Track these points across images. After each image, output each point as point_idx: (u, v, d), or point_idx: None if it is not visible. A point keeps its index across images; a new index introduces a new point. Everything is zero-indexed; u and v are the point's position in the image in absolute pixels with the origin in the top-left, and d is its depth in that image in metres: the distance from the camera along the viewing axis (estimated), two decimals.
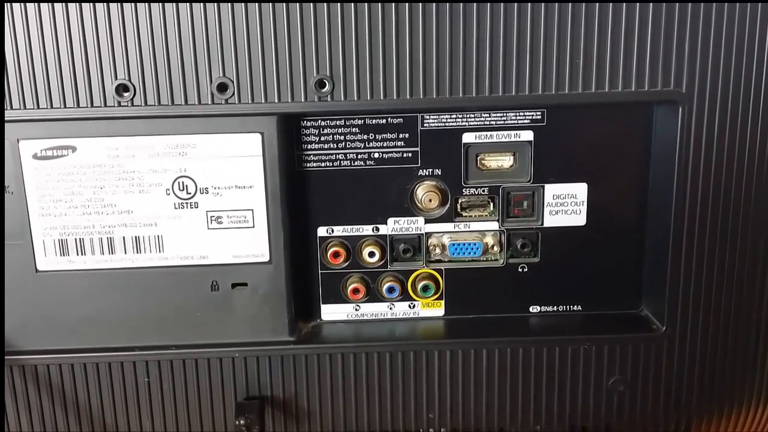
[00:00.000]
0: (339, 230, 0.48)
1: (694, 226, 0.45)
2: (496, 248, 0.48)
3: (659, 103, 0.44)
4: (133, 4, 0.41)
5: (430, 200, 0.46)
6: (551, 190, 0.47)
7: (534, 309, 0.49)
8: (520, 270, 0.49)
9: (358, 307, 0.49)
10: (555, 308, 0.49)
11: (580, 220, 0.47)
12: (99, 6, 0.41)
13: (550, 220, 0.47)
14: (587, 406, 0.49)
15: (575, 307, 0.49)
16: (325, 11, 0.41)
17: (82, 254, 0.46)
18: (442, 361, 0.48)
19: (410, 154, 0.46)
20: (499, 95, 0.43)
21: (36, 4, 0.41)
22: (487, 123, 0.46)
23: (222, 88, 0.42)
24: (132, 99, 0.42)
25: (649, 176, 0.46)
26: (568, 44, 0.42)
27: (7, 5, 0.41)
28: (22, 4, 0.41)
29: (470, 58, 0.42)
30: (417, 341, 0.48)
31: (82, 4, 0.41)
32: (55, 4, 0.41)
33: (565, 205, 0.47)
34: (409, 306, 0.49)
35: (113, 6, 0.41)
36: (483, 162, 0.47)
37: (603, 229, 0.48)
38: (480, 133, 0.46)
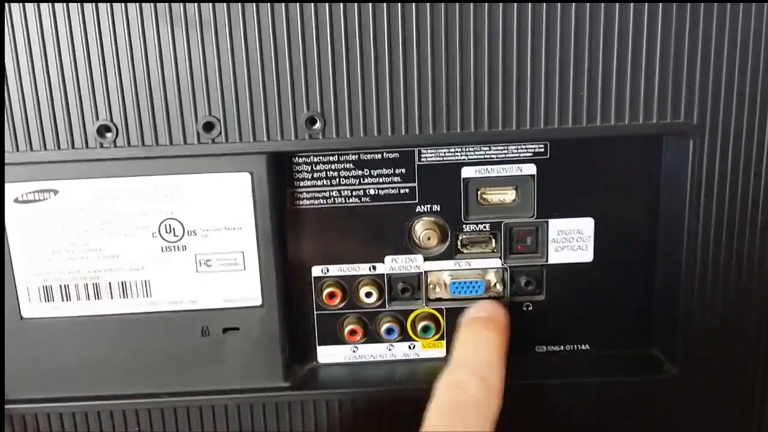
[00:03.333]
0: (334, 270, 0.46)
1: (707, 263, 0.43)
2: (498, 286, 0.46)
3: (669, 135, 0.42)
4: (112, 41, 0.39)
5: (429, 238, 0.44)
6: (556, 225, 0.45)
7: (540, 349, 0.47)
8: (524, 308, 0.46)
9: (355, 349, 0.47)
10: (562, 348, 0.47)
11: (587, 256, 0.45)
12: (78, 43, 0.39)
13: (555, 257, 0.45)
14: None
15: (583, 346, 0.47)
16: (314, 45, 0.39)
17: (67, 300, 0.44)
18: None
19: (407, 190, 0.44)
20: (499, 130, 0.41)
21: (12, 42, 0.39)
22: (488, 157, 0.44)
23: (208, 127, 0.40)
24: (114, 140, 0.41)
25: (659, 210, 0.44)
26: (570, 75, 0.40)
27: None
28: None
29: (468, 91, 0.40)
30: (418, 385, 0.46)
31: (60, 42, 0.39)
32: (31, 41, 0.39)
33: (571, 240, 0.45)
34: (409, 347, 0.47)
35: (92, 43, 0.39)
36: (484, 197, 0.45)
37: (611, 266, 0.45)
38: (480, 167, 0.44)
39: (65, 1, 0.38)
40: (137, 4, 0.38)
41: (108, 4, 0.38)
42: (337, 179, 0.44)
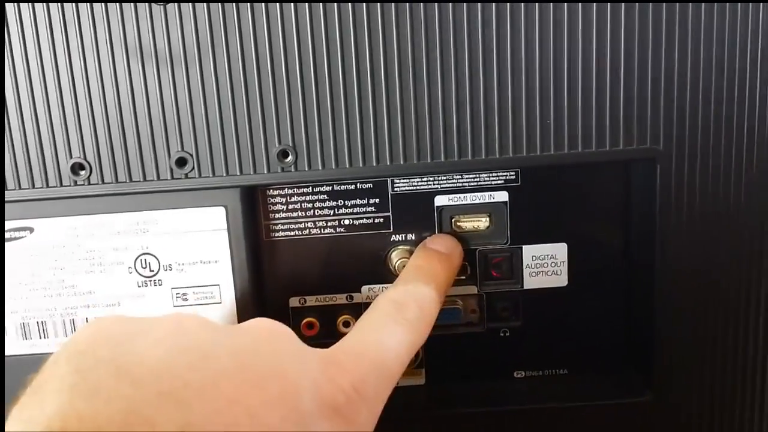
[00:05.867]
0: (312, 300, 0.46)
1: (678, 284, 0.43)
2: (475, 313, 0.46)
3: (636, 160, 0.42)
4: (84, 78, 0.40)
5: (405, 266, 0.45)
6: (530, 251, 0.45)
7: (518, 374, 0.47)
8: (501, 334, 0.47)
9: None
10: (540, 372, 0.47)
11: (561, 281, 0.45)
12: (50, 82, 0.40)
13: (530, 282, 0.45)
14: None
15: (561, 371, 0.47)
16: (284, 80, 0.40)
17: (45, 337, 0.44)
18: None
19: (382, 220, 0.45)
20: (468, 159, 0.41)
21: None
22: (460, 185, 0.44)
23: (181, 162, 0.41)
24: (88, 177, 0.41)
25: (630, 233, 0.45)
26: (537, 104, 0.40)
27: None
28: None
29: (437, 122, 0.41)
30: (397, 413, 0.46)
31: (32, 81, 0.40)
32: (5, 83, 0.40)
33: (545, 266, 0.45)
34: None
35: (64, 81, 0.40)
36: (458, 224, 0.45)
37: (586, 289, 0.46)
38: (453, 195, 0.44)
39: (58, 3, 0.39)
40: (108, 41, 0.39)
41: (79, 41, 0.39)
42: (312, 210, 0.45)
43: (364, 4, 0.39)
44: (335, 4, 0.39)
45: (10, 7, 0.39)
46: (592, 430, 0.46)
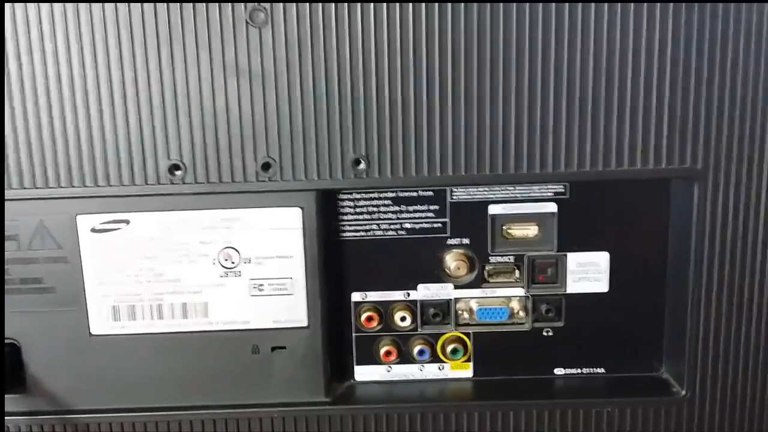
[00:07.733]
0: (372, 296, 0.50)
1: (711, 293, 0.47)
2: (521, 313, 0.50)
3: (676, 178, 0.47)
4: (185, 89, 0.45)
5: (459, 268, 0.49)
6: (574, 258, 0.49)
7: (559, 371, 0.52)
8: (545, 334, 0.51)
9: (389, 369, 0.52)
10: (579, 371, 0.51)
11: (602, 286, 0.50)
12: (155, 89, 0.44)
13: (573, 287, 0.50)
14: None
15: (598, 370, 0.51)
16: (361, 98, 0.45)
17: (133, 319, 0.49)
18: (470, 422, 0.50)
19: (440, 225, 0.49)
20: (523, 172, 0.46)
21: (97, 92, 0.44)
22: (513, 195, 0.49)
23: (266, 167, 0.46)
24: (183, 177, 0.46)
25: (668, 245, 0.49)
26: (588, 125, 0.45)
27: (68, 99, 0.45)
28: (84, 98, 0.44)
29: (496, 137, 0.45)
30: (446, 402, 0.50)
31: (139, 87, 0.45)
32: (114, 94, 0.45)
33: (588, 272, 0.49)
34: (439, 368, 0.51)
35: (167, 90, 0.44)
36: (509, 231, 0.49)
37: (625, 295, 0.50)
38: (506, 204, 0.49)
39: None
40: (208, 58, 0.44)
41: (182, 57, 0.44)
42: (377, 214, 0.49)
43: (436, 31, 0.44)
44: (410, 32, 0.44)
45: (137, 19, 0.44)
46: (626, 427, 0.50)
